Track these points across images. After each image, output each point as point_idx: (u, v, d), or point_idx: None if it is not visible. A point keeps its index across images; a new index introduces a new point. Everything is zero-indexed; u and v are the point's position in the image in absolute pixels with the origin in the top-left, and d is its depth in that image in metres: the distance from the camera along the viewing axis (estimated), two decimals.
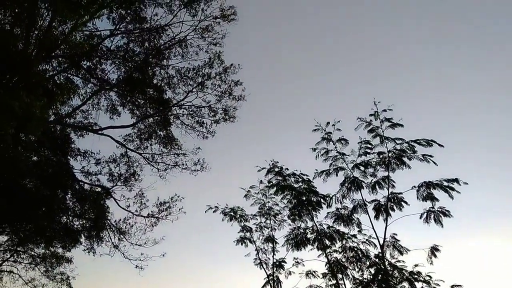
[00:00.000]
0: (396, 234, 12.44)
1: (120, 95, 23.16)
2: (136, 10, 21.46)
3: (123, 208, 22.37)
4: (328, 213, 13.52)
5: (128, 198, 22.50)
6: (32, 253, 25.30)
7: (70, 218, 21.50)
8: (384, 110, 12.47)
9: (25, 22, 18.15)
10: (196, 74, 22.84)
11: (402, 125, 12.29)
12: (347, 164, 13.19)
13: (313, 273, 13.71)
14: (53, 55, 19.68)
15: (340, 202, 13.28)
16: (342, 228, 13.46)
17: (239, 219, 15.41)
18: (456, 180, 11.34)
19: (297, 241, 13.88)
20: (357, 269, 13.04)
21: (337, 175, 13.23)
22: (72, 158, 22.17)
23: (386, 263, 12.17)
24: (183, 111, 23.36)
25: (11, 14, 18.42)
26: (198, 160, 23.39)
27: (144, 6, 21.40)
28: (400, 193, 12.27)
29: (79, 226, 21.72)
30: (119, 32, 21.67)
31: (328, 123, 13.52)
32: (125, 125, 22.38)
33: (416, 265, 12.01)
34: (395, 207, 12.16)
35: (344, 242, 13.43)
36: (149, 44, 22.20)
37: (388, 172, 12.43)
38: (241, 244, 15.16)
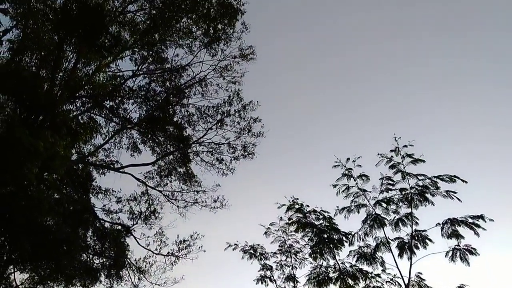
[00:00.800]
0: (421, 273, 12.04)
1: (141, 133, 23.56)
2: (158, 51, 22.14)
3: (143, 247, 22.31)
4: (350, 251, 13.21)
5: (148, 237, 22.47)
6: None
7: (90, 256, 21.49)
8: (405, 146, 12.36)
9: (51, 64, 18.85)
10: (215, 112, 23.20)
11: (423, 161, 12.13)
12: (368, 201, 12.99)
13: None
14: (77, 95, 20.29)
15: (363, 240, 12.99)
16: (365, 267, 13.09)
17: (259, 257, 15.14)
18: (481, 217, 11.03)
19: (319, 280, 13.54)
20: None
21: (358, 212, 13.01)
22: (93, 196, 22.43)
23: None
24: (203, 148, 23.60)
25: (38, 57, 19.18)
26: (218, 197, 23.37)
27: (166, 47, 22.10)
28: (424, 230, 11.97)
29: (99, 264, 21.66)
30: (141, 72, 22.33)
31: (348, 159, 13.43)
32: (146, 163, 22.64)
33: None
34: (419, 245, 11.84)
35: (367, 281, 13.05)
36: (170, 84, 22.76)
37: (411, 209, 12.19)
38: (261, 283, 14.82)
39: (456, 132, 40.11)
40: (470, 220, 11.13)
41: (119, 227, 22.23)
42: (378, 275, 12.98)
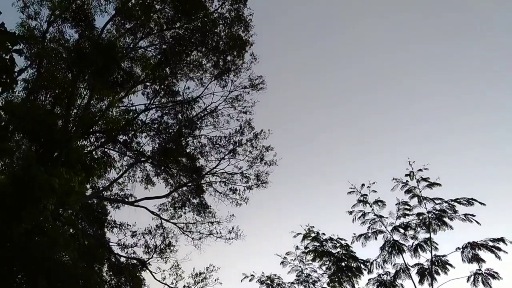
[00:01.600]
0: None
1: (154, 166, 23.68)
2: (169, 84, 22.48)
3: (159, 281, 22.07)
4: (369, 279, 12.94)
5: (164, 270, 22.26)
6: None
7: None
8: (420, 170, 12.25)
9: (65, 102, 19.23)
10: (227, 142, 23.29)
11: (440, 184, 11.99)
12: (386, 227, 12.81)
13: None
14: (91, 131, 20.59)
15: (382, 267, 12.74)
16: None
17: None
18: (502, 240, 10.81)
19: None
20: None
21: (376, 238, 12.81)
22: (108, 231, 22.43)
23: None
24: (216, 179, 23.59)
25: (52, 95, 19.61)
26: (232, 228, 23.18)
27: (177, 81, 22.45)
28: (444, 255, 11.72)
29: None
30: (153, 106, 22.64)
31: (363, 185, 13.31)
32: (160, 196, 22.65)
33: None
34: (440, 271, 11.57)
35: None
36: (182, 116, 22.98)
37: (430, 234, 11.97)
38: None
39: (471, 154, 39.68)
40: (491, 244, 10.90)
41: (135, 261, 22.10)
42: None
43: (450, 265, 11.54)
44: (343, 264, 13.58)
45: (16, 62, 6.96)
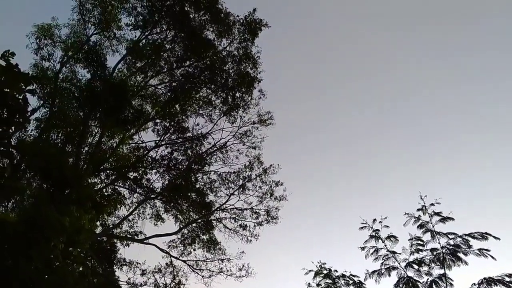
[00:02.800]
0: None
1: (164, 202, 23.65)
2: (179, 121, 22.72)
3: None
4: None
5: None
6: None
7: None
8: (432, 204, 12.08)
9: (76, 140, 19.48)
10: (237, 177, 23.29)
11: (453, 219, 11.79)
12: (399, 263, 12.53)
13: None
14: (102, 168, 20.72)
15: None
16: None
17: None
18: None
19: None
20: None
21: (389, 275, 12.51)
22: (118, 269, 22.21)
23: None
24: (226, 214, 23.45)
25: (63, 133, 19.88)
26: (243, 265, 22.83)
27: (186, 117, 22.73)
28: None
29: None
30: (163, 143, 22.82)
31: (374, 220, 13.13)
32: (169, 233, 22.49)
33: None
34: None
35: None
36: (192, 152, 23.11)
37: (444, 270, 11.69)
38: None
39: (484, 188, 39.20)
40: (507, 279, 10.61)
41: None
42: None
43: None
44: None
45: (29, 101, 7.12)
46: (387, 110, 44.20)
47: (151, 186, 22.87)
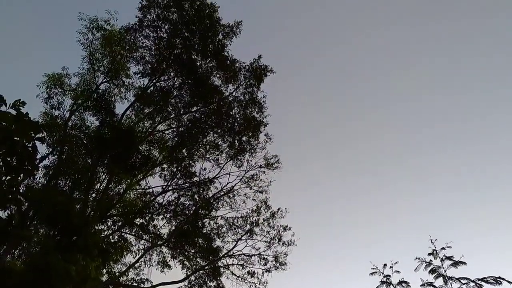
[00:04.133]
0: None
1: (171, 248, 23.35)
2: (186, 166, 22.80)
3: None
4: None
5: None
6: None
7: None
8: (443, 248, 11.85)
9: (84, 186, 19.53)
10: (244, 222, 23.04)
11: (465, 263, 11.50)
12: None
13: None
14: (109, 214, 20.64)
15: None
16: None
17: None
18: None
19: None
20: None
21: None
22: None
23: None
24: (233, 261, 23.03)
25: (71, 180, 19.98)
26: None
27: (193, 162, 22.82)
28: None
29: None
30: (170, 188, 22.79)
31: (385, 265, 12.84)
32: (176, 281, 22.02)
33: None
34: None
35: None
36: (199, 197, 23.01)
37: None
38: None
39: (496, 231, 38.51)
40: None
41: None
42: None
43: None
44: None
45: (38, 149, 7.22)
46: (394, 160, 44.21)
47: (158, 232, 22.66)
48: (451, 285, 11.66)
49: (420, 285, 12.22)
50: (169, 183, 22.88)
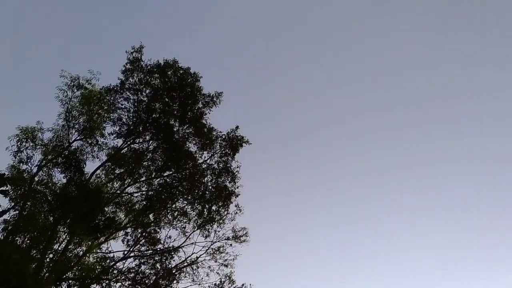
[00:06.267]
0: None
1: None
2: (151, 232, 22.05)
3: None
4: None
5: None
6: None
7: None
8: None
9: (42, 245, 18.52)
10: None
11: None
12: None
13: None
14: (64, 277, 19.42)
15: None
16: None
17: None
18: None
19: None
20: None
21: None
22: None
23: None
24: None
25: (30, 237, 18.95)
26: None
27: (159, 229, 22.12)
28: None
29: None
30: (132, 254, 21.81)
31: None
32: None
33: None
34: None
35: None
36: (161, 266, 22.03)
37: None
38: None
39: None
40: None
41: None
42: None
43: None
44: None
45: (0, 202, 6.92)
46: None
47: None
48: None
49: None
50: (131, 249, 21.91)
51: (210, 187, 21.95)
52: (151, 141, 21.80)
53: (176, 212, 22.15)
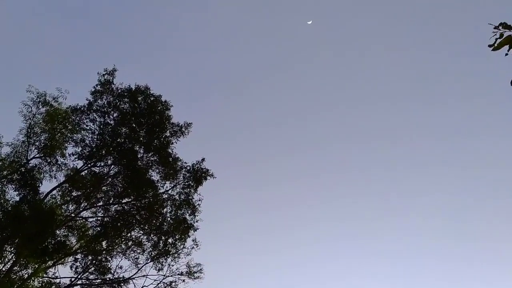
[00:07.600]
0: None
1: None
2: (102, 260, 21.21)
3: None
4: None
5: None
6: None
7: None
8: None
9: None
10: None
11: None
12: None
13: None
14: None
15: None
16: None
17: None
18: None
19: None
20: None
21: None
22: None
23: None
24: None
25: None
26: None
27: (111, 257, 21.33)
28: None
29: None
30: (79, 282, 20.86)
31: None
32: None
33: None
34: None
35: None
36: None
37: None
38: None
39: None
40: None
41: None
42: None
43: None
44: None
45: None
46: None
47: None
48: None
49: None
50: (79, 276, 20.95)
51: (169, 219, 21.46)
52: (112, 166, 21.31)
53: (131, 242, 21.45)
